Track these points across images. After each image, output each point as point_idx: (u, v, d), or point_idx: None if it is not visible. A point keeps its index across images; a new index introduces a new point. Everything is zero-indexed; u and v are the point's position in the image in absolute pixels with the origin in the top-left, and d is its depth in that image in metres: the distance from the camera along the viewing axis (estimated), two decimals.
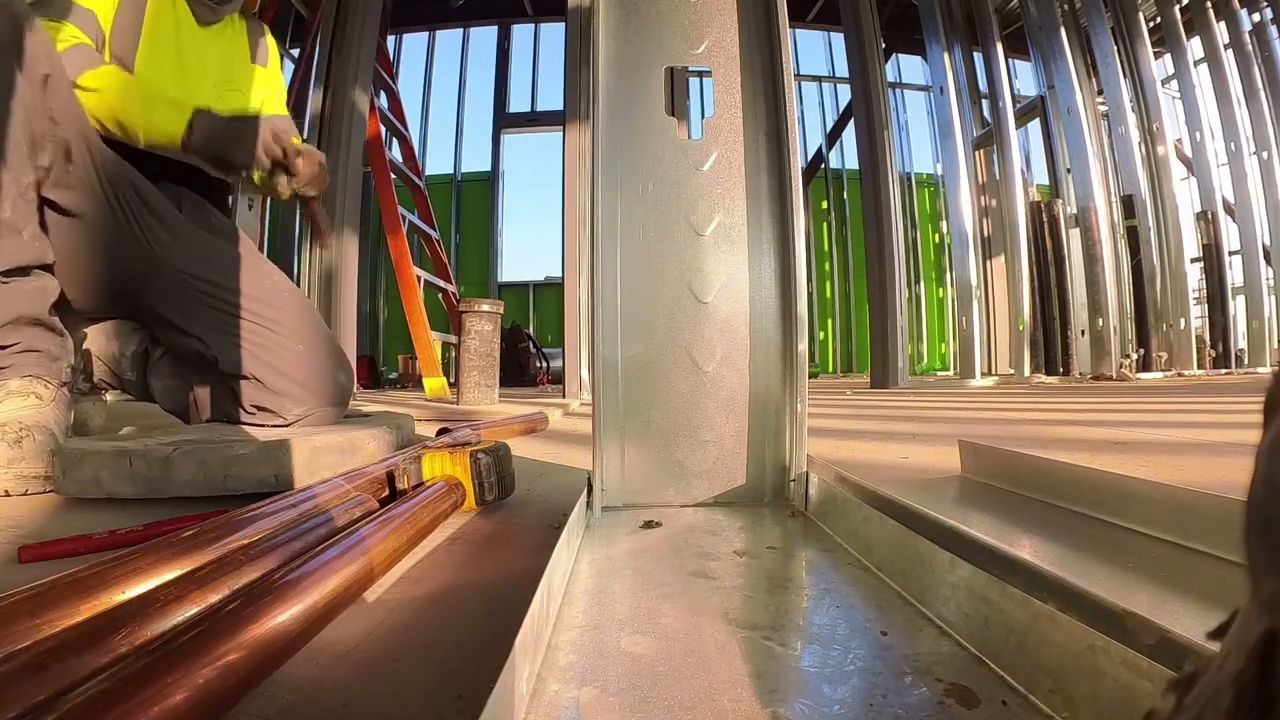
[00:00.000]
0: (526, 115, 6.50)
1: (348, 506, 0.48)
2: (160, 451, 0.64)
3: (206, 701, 0.22)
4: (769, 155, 0.61)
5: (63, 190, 0.82)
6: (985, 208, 5.04)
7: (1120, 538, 0.48)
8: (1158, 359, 4.51)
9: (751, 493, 0.59)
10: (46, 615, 0.27)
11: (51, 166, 0.79)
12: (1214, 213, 4.85)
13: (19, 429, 0.71)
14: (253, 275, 0.96)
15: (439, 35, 6.78)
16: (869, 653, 0.28)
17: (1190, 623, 0.29)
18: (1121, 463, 0.81)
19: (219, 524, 0.39)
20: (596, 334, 0.58)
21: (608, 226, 0.59)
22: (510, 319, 5.29)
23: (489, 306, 2.05)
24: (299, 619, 0.28)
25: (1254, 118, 4.81)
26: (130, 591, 0.30)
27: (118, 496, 0.64)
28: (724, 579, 0.37)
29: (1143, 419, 1.44)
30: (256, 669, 0.25)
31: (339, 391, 0.98)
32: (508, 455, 0.64)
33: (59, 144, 0.79)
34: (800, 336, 0.58)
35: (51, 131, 0.78)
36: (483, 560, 0.46)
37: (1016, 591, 0.26)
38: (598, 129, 0.59)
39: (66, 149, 0.81)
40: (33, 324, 0.80)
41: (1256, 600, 0.11)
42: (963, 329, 4.12)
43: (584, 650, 0.28)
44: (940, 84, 4.54)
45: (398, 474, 0.59)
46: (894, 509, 0.40)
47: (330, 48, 3.27)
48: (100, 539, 0.47)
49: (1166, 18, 5.04)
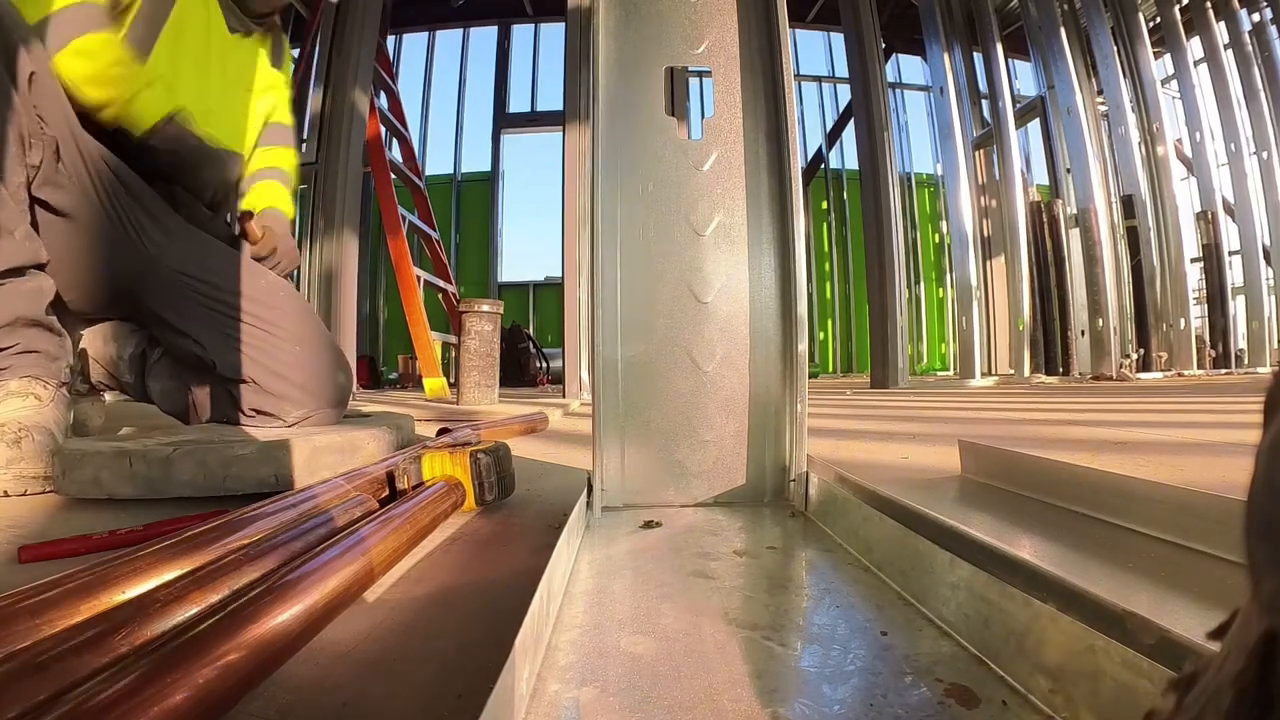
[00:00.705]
0: (526, 115, 6.49)
1: (348, 506, 0.48)
2: (160, 452, 0.64)
3: (206, 701, 0.22)
4: (769, 155, 0.61)
5: (53, 190, 0.81)
6: (985, 208, 5.04)
7: (1120, 538, 0.48)
8: (1158, 359, 4.51)
9: (751, 493, 0.59)
10: (46, 615, 0.27)
11: (41, 165, 0.79)
12: (1214, 213, 4.85)
13: (18, 429, 0.71)
14: (249, 276, 0.95)
15: (439, 35, 6.77)
16: (869, 653, 0.28)
17: (1190, 623, 0.29)
18: (1121, 463, 0.81)
19: (219, 524, 0.39)
20: (596, 334, 0.58)
21: (608, 226, 0.59)
22: (510, 319, 5.29)
23: (489, 307, 2.05)
24: (299, 619, 0.28)
25: (1254, 118, 4.81)
26: (130, 591, 0.30)
27: (118, 497, 0.64)
28: (724, 579, 0.37)
29: (1143, 419, 1.44)
30: (256, 669, 0.25)
31: (338, 393, 0.97)
32: (508, 455, 0.64)
33: (48, 143, 0.79)
34: (800, 336, 0.59)
35: (40, 130, 0.78)
36: (483, 560, 0.46)
37: (1016, 591, 0.26)
38: (598, 129, 0.59)
39: (56, 148, 0.80)
40: (30, 325, 0.79)
41: (1257, 600, 0.11)
42: (962, 329, 4.12)
43: (584, 650, 0.28)
44: (940, 84, 4.54)
45: (398, 474, 0.59)
46: (894, 509, 0.40)
47: (330, 48, 3.27)
48: (100, 539, 0.47)
49: (1166, 18, 5.04)
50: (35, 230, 0.80)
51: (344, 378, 1.00)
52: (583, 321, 2.90)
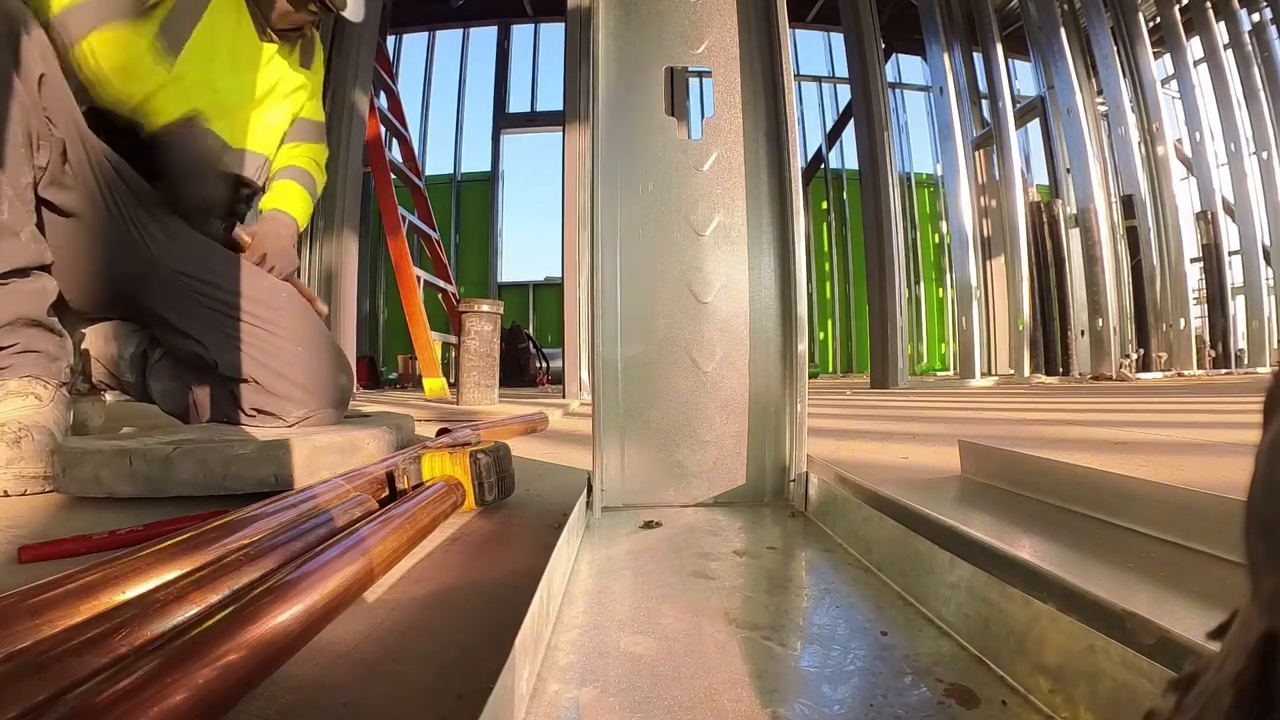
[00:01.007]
0: (526, 115, 6.50)
1: (348, 507, 0.48)
2: (160, 451, 0.64)
3: (207, 702, 0.22)
4: (769, 155, 0.61)
5: (59, 190, 0.82)
6: (985, 208, 5.04)
7: (1120, 538, 0.48)
8: (1157, 359, 4.51)
9: (751, 493, 0.59)
10: (46, 615, 0.27)
11: (48, 166, 0.79)
12: (1214, 213, 4.86)
13: (18, 429, 0.71)
14: (250, 276, 0.96)
15: (439, 35, 6.78)
16: (869, 653, 0.28)
17: (1190, 623, 0.29)
18: (1121, 463, 0.81)
19: (219, 524, 0.39)
20: (596, 334, 0.58)
21: (607, 226, 0.59)
22: (510, 319, 5.29)
23: (489, 307, 2.05)
24: (299, 619, 0.28)
25: (1254, 118, 4.81)
26: (130, 592, 0.30)
27: (118, 496, 0.64)
28: (724, 579, 0.37)
29: (1142, 419, 1.44)
30: (256, 669, 0.25)
31: (339, 393, 0.97)
32: (508, 455, 0.64)
33: (56, 144, 0.79)
34: (800, 336, 0.59)
35: (48, 132, 0.78)
36: (482, 561, 0.46)
37: (1016, 592, 0.26)
38: (598, 129, 0.59)
39: (63, 149, 0.81)
40: (31, 325, 0.80)
41: (1256, 600, 0.11)
42: (962, 329, 4.12)
43: (584, 650, 0.28)
44: (940, 84, 4.54)
45: (397, 474, 0.59)
46: (894, 509, 0.40)
47: (330, 48, 3.27)
48: (100, 539, 0.47)
49: (1166, 18, 5.04)
50: (41, 231, 0.81)
51: (345, 378, 1.00)
52: (583, 321, 2.90)
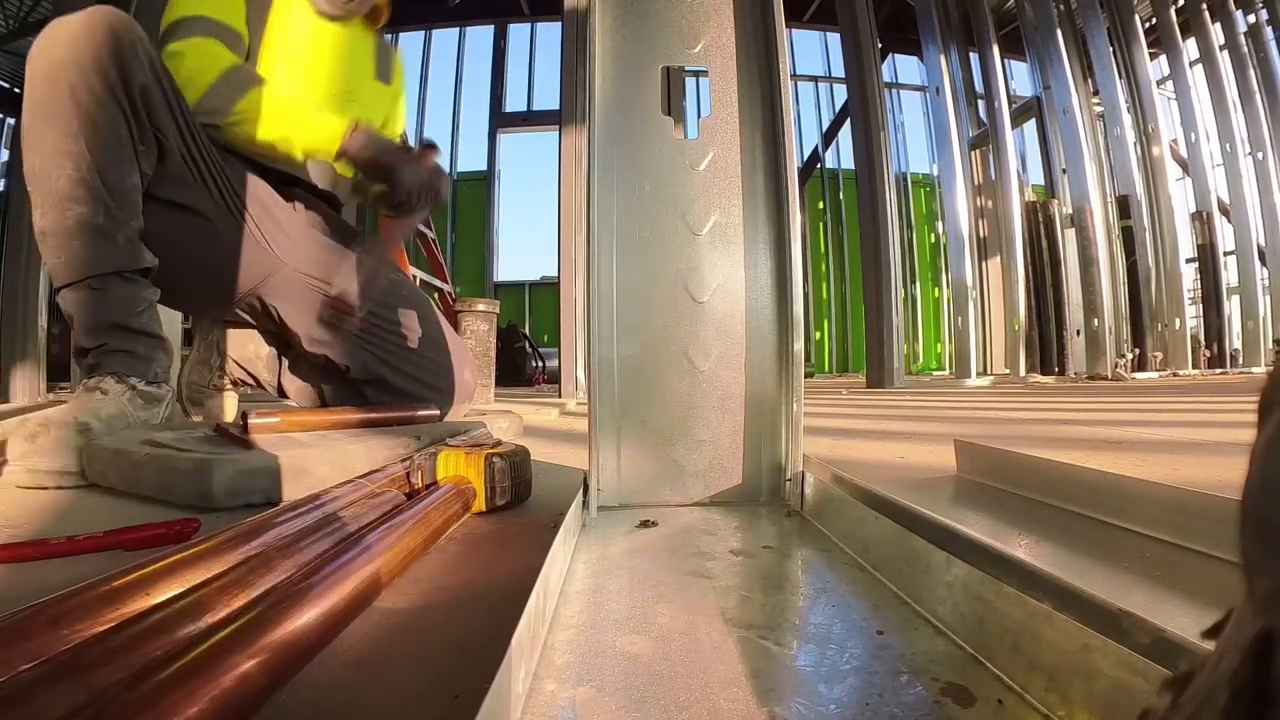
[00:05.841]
0: (523, 115, 6.49)
1: (362, 510, 0.47)
2: (137, 454, 0.64)
3: (224, 711, 0.21)
4: (765, 155, 0.61)
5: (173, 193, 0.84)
6: (981, 208, 5.06)
7: (1116, 537, 0.48)
8: (1153, 359, 4.53)
9: (748, 492, 0.59)
10: (68, 624, 0.26)
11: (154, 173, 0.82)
12: (1209, 213, 4.88)
13: (38, 424, 0.70)
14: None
15: (435, 34, 6.76)
16: (865, 652, 0.28)
17: (1185, 622, 0.29)
18: (1117, 462, 0.81)
19: (234, 532, 0.38)
20: (592, 333, 0.57)
21: (604, 226, 0.59)
22: (506, 319, 5.27)
23: (485, 306, 2.05)
24: (317, 626, 0.27)
25: (1249, 119, 4.83)
26: (152, 599, 0.30)
27: (138, 493, 0.64)
28: (720, 578, 0.37)
29: (1138, 419, 1.45)
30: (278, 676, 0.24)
31: (464, 389, 1.00)
32: (526, 460, 0.61)
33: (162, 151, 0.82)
34: (796, 336, 0.58)
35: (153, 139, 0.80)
36: (479, 560, 0.45)
37: (1012, 591, 0.27)
38: (594, 128, 0.59)
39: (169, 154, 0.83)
40: (116, 328, 0.81)
41: (1251, 599, 0.11)
42: (958, 329, 4.13)
43: (580, 650, 0.28)
44: (936, 84, 4.56)
45: (413, 471, 0.58)
46: (890, 508, 0.40)
47: None
48: (59, 544, 0.45)
49: (1162, 19, 5.06)
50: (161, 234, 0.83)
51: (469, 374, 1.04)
52: (579, 321, 2.90)
